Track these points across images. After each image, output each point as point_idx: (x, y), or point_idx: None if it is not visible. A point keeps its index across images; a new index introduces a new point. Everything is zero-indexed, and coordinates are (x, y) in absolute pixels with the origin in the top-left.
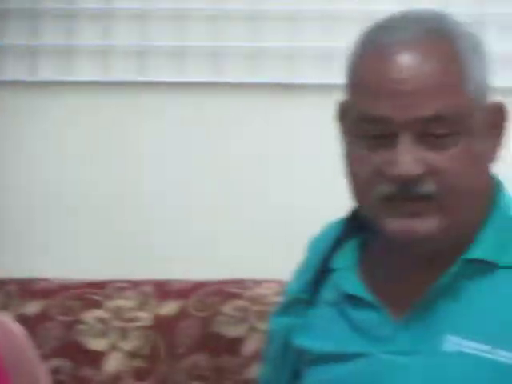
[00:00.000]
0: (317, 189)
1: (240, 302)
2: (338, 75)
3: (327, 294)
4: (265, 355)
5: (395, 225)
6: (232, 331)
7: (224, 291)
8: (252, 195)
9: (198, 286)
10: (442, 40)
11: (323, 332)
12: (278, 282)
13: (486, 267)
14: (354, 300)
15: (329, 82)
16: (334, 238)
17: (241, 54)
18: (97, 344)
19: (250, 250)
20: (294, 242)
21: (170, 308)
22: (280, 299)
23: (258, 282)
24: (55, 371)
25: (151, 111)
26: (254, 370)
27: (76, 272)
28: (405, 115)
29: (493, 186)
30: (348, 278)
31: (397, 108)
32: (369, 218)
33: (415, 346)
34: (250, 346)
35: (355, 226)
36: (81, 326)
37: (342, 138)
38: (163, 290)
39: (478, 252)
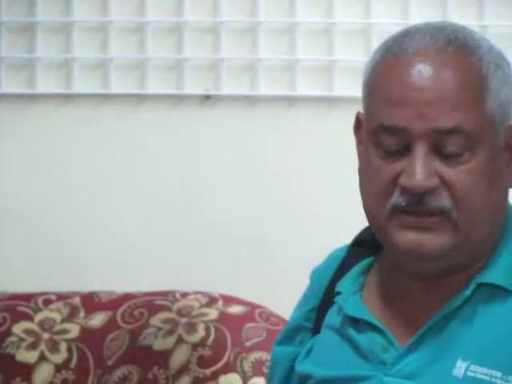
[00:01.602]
0: (239, 201)
1: (168, 314)
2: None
3: (331, 318)
4: None
5: (404, 238)
6: (160, 343)
7: (152, 303)
8: (177, 208)
9: (126, 297)
10: (465, 52)
11: (327, 356)
12: (205, 293)
13: (497, 292)
14: (357, 323)
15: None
16: (338, 264)
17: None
18: (26, 356)
19: (175, 262)
20: (220, 254)
21: (97, 320)
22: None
23: (184, 294)
24: None
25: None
26: (183, 382)
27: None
28: (422, 125)
29: (508, 210)
30: (352, 301)
31: (414, 117)
32: (377, 233)
33: (423, 369)
34: (179, 359)
35: (360, 252)
36: (10, 338)
37: (358, 149)
38: (91, 301)
39: (492, 276)
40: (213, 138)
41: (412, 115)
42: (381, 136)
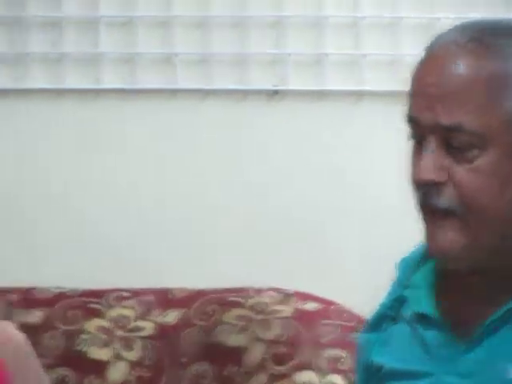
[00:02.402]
0: (308, 197)
1: (241, 311)
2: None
3: (406, 310)
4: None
5: (425, 234)
6: (234, 340)
7: (225, 300)
8: (248, 205)
9: (199, 294)
10: (487, 50)
11: (397, 349)
12: (279, 290)
13: None
14: (425, 318)
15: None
16: (420, 256)
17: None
18: (100, 353)
19: (249, 259)
20: (293, 251)
21: (171, 317)
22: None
23: (258, 291)
24: (60, 381)
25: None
26: (258, 379)
27: (71, 281)
28: (430, 118)
29: None
30: (420, 296)
31: (423, 110)
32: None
33: (478, 369)
34: (253, 356)
35: None
36: (82, 336)
37: None
38: (164, 298)
39: None
40: (280, 134)
41: (422, 107)
42: (409, 127)
